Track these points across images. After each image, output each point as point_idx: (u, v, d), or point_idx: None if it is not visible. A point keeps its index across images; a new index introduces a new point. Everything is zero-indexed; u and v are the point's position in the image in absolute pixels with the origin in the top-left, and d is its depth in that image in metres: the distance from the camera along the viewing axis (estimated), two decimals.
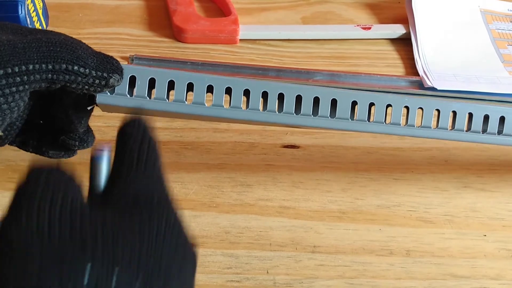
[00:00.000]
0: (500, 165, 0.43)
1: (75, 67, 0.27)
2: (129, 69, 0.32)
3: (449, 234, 0.37)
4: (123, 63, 0.49)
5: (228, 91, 0.33)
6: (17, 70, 0.26)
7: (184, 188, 0.39)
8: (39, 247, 0.19)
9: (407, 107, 0.34)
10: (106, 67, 0.29)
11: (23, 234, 0.19)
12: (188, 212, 0.37)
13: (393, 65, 0.52)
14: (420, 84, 0.49)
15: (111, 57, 0.30)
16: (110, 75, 0.29)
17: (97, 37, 0.53)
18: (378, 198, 0.39)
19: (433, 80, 0.48)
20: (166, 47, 0.52)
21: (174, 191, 0.39)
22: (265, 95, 0.33)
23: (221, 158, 0.41)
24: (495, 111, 0.35)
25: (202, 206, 0.38)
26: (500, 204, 0.40)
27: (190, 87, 0.33)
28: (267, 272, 0.34)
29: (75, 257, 0.19)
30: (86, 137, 0.34)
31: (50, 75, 0.27)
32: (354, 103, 0.34)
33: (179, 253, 0.22)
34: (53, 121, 0.33)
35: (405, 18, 0.56)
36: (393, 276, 0.35)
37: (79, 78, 0.28)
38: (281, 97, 0.33)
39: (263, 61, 0.51)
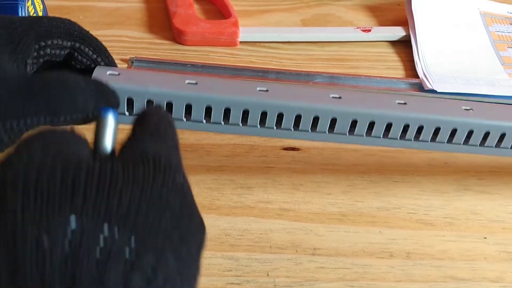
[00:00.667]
0: (500, 167, 0.43)
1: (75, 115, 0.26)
2: (125, 92, 0.31)
3: (449, 237, 0.37)
4: (123, 65, 0.50)
5: (227, 111, 0.32)
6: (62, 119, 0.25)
7: None
8: (23, 186, 0.18)
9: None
10: (102, 104, 0.28)
11: (9, 173, 0.18)
12: None
13: (393, 67, 0.52)
14: (420, 87, 0.49)
15: (107, 88, 0.28)
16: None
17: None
18: (378, 201, 0.39)
19: (433, 82, 0.48)
20: (166, 49, 0.52)
21: None
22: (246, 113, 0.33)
23: (221, 161, 0.41)
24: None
25: (202, 208, 0.37)
26: (500, 207, 0.40)
27: (188, 108, 0.32)
28: (268, 275, 0.34)
29: (61, 206, 0.17)
30: None
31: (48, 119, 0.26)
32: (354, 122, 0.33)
33: (183, 220, 0.20)
34: None
35: (405, 20, 0.56)
36: (393, 278, 0.35)
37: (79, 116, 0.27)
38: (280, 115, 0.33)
39: (263, 63, 0.51)
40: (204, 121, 0.33)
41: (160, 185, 0.19)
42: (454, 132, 0.34)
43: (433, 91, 0.48)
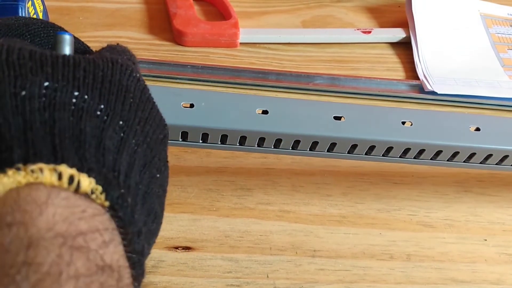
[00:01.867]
0: (500, 170, 0.43)
1: None
2: None
3: (450, 239, 0.37)
4: None
5: (224, 137, 0.33)
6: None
7: (184, 192, 0.39)
8: None
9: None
10: None
11: None
12: (188, 216, 0.37)
13: (393, 69, 0.52)
14: (420, 88, 0.49)
15: None
16: None
17: (97, 40, 0.52)
18: (378, 202, 0.39)
19: (433, 84, 0.48)
20: (166, 50, 0.52)
21: (174, 195, 0.39)
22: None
23: (221, 162, 0.41)
24: None
25: (202, 209, 0.38)
26: (501, 209, 0.40)
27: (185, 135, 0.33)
28: (267, 277, 0.34)
29: (33, 73, 0.18)
30: None
31: None
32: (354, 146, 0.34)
33: (147, 107, 0.21)
34: None
35: (405, 22, 0.56)
36: (394, 280, 0.35)
37: None
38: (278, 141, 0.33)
39: (263, 65, 0.51)
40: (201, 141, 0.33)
41: (119, 74, 0.21)
42: (456, 153, 0.34)
43: (433, 93, 0.48)
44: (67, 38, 0.23)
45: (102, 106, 0.19)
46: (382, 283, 0.34)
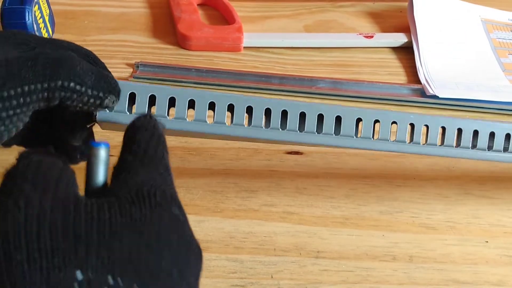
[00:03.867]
0: (501, 172, 0.43)
1: (71, 84, 0.26)
2: (129, 86, 0.31)
3: (451, 240, 0.38)
4: (128, 70, 0.50)
5: (230, 108, 0.32)
6: (12, 93, 0.25)
7: (189, 193, 0.39)
8: (25, 242, 0.18)
9: (412, 124, 0.34)
10: (103, 87, 0.28)
11: (10, 225, 0.18)
12: (193, 217, 0.38)
13: (395, 73, 0.53)
14: (422, 92, 0.49)
15: (111, 77, 0.29)
16: (106, 95, 0.28)
17: (102, 44, 0.53)
18: (381, 205, 0.40)
19: (435, 88, 0.49)
20: (170, 54, 0.53)
21: (179, 196, 0.39)
22: (268, 112, 0.33)
23: (225, 164, 0.42)
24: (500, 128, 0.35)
25: (206, 211, 0.38)
26: (502, 211, 0.40)
27: (191, 104, 0.32)
28: (272, 277, 0.35)
29: (66, 260, 0.18)
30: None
31: (46, 93, 0.26)
32: (358, 120, 0.33)
33: (182, 255, 0.20)
34: (51, 133, 0.33)
35: (407, 27, 0.57)
36: (396, 281, 0.35)
37: (74, 95, 0.27)
38: (284, 114, 0.33)
39: (266, 69, 0.52)
40: (208, 121, 0.32)
41: (158, 223, 0.20)
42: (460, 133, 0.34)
43: (435, 97, 0.48)
44: (102, 155, 0.22)
45: (136, 287, 0.18)
46: (385, 284, 0.35)
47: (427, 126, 0.34)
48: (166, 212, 0.20)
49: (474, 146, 0.35)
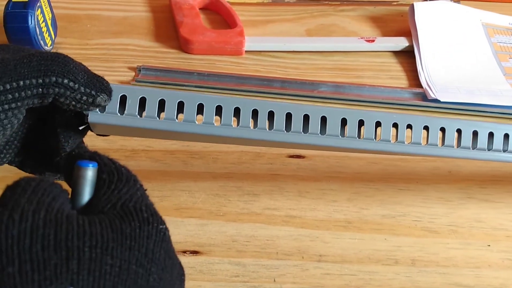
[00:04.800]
0: (503, 176, 0.43)
1: (65, 80, 0.27)
2: (120, 88, 0.31)
3: (454, 244, 0.38)
4: (131, 73, 0.50)
5: (219, 109, 0.32)
6: (8, 88, 0.26)
7: (192, 197, 0.39)
8: (17, 254, 0.18)
9: (410, 125, 0.34)
10: (95, 85, 0.29)
11: (3, 237, 0.18)
12: (196, 221, 0.38)
13: (397, 77, 0.53)
14: (423, 96, 0.49)
15: (102, 77, 0.30)
16: (98, 93, 0.29)
17: (105, 47, 0.53)
18: (383, 208, 0.40)
19: (436, 92, 0.49)
20: (172, 58, 0.53)
21: (182, 200, 0.39)
22: (271, 114, 0.33)
23: (228, 168, 0.42)
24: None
25: (209, 214, 0.38)
26: (504, 215, 0.40)
27: (180, 106, 0.32)
28: (274, 281, 0.35)
29: (58, 273, 0.18)
30: None
31: (40, 89, 0.27)
32: (361, 122, 0.33)
33: (168, 272, 0.21)
34: (47, 142, 0.33)
35: (408, 31, 0.57)
36: (399, 285, 0.35)
37: (68, 92, 0.27)
38: (288, 116, 0.33)
39: (268, 72, 0.52)
40: (215, 123, 0.32)
41: (146, 239, 0.21)
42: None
43: (436, 101, 0.48)
44: (90, 175, 0.22)
45: None
46: None
47: (427, 128, 0.34)
48: (154, 229, 0.21)
49: (474, 147, 0.35)
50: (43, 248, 0.18)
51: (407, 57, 0.55)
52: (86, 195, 0.23)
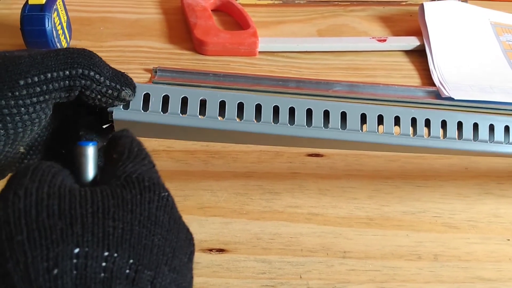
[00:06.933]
0: None
1: (91, 73, 0.28)
2: (143, 87, 0.32)
3: (474, 239, 0.38)
4: (147, 75, 0.51)
5: (240, 106, 0.33)
6: (36, 80, 0.26)
7: (214, 196, 0.40)
8: (25, 224, 0.19)
9: (421, 119, 0.35)
10: (120, 80, 0.29)
11: (10, 212, 0.20)
12: (219, 219, 0.38)
13: (409, 76, 0.53)
14: (437, 94, 0.50)
15: (125, 73, 0.31)
16: (123, 87, 0.30)
17: (119, 49, 0.54)
18: (403, 205, 0.40)
19: (450, 90, 0.50)
20: (187, 59, 0.53)
21: (205, 199, 0.39)
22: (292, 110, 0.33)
23: (248, 167, 0.42)
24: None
25: (232, 213, 0.39)
26: None
27: (202, 104, 0.32)
28: (300, 277, 0.35)
29: (63, 236, 0.19)
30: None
31: (67, 81, 0.27)
32: (380, 117, 0.34)
33: (173, 234, 0.22)
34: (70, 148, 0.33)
35: (418, 30, 0.58)
36: (423, 280, 0.36)
37: (94, 85, 0.28)
38: (309, 112, 0.33)
39: (282, 73, 0.52)
40: (237, 119, 0.33)
41: (148, 203, 0.21)
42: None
43: (450, 99, 0.49)
44: (89, 152, 0.23)
45: (131, 261, 0.20)
46: (411, 283, 0.35)
47: (444, 122, 0.35)
48: (155, 196, 0.22)
49: (491, 140, 0.35)
50: (48, 217, 0.20)
51: (418, 56, 0.56)
52: (90, 172, 0.24)
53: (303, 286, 0.35)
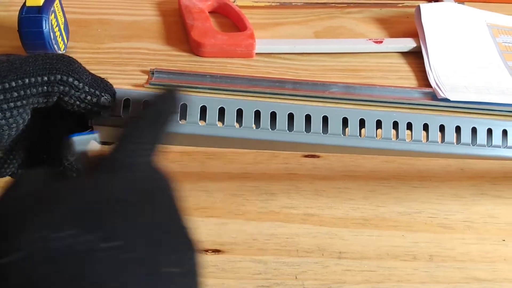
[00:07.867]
0: None
1: (70, 79, 0.28)
2: (123, 93, 0.32)
3: (469, 240, 0.39)
4: (144, 76, 0.51)
5: (240, 112, 0.33)
6: (14, 85, 0.26)
7: (210, 197, 0.40)
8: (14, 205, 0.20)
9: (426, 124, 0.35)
10: (99, 86, 0.29)
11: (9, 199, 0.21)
12: (216, 220, 0.38)
13: (406, 77, 0.54)
14: (433, 96, 0.50)
15: (105, 79, 0.31)
16: (102, 94, 0.29)
17: (116, 51, 0.54)
18: (399, 205, 0.40)
19: (446, 91, 0.50)
20: (184, 61, 0.53)
21: (201, 200, 0.40)
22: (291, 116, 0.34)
23: (244, 168, 0.42)
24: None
25: (228, 214, 0.39)
26: None
27: (203, 110, 0.33)
28: (296, 278, 0.35)
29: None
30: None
31: (45, 87, 0.27)
32: (378, 122, 0.35)
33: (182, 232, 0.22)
34: (51, 154, 0.33)
35: (414, 32, 0.58)
36: (418, 280, 0.36)
37: (72, 91, 0.28)
38: (308, 118, 0.34)
39: (279, 74, 0.52)
40: (236, 125, 0.33)
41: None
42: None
43: (446, 100, 0.49)
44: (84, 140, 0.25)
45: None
46: (407, 283, 0.35)
47: (442, 126, 0.35)
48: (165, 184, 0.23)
49: (489, 144, 0.36)
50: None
51: (415, 57, 0.56)
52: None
53: (298, 287, 0.35)
